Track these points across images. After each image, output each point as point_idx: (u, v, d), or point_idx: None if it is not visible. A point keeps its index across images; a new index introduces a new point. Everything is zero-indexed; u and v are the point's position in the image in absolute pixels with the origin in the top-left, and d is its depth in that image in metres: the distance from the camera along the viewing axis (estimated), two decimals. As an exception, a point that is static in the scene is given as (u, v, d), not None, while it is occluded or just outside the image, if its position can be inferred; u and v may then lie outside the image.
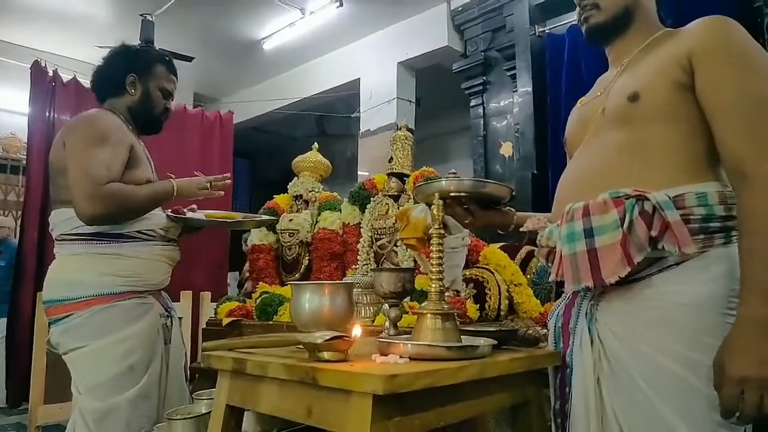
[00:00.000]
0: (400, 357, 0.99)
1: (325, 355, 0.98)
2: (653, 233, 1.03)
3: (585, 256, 1.08)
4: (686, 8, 2.71)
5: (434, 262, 1.11)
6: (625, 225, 1.04)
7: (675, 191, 1.06)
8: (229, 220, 1.90)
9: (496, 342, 1.13)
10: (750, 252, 0.98)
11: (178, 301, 3.35)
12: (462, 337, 1.12)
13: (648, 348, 1.05)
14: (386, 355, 1.00)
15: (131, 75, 1.85)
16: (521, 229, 1.31)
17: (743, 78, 1.04)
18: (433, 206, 1.14)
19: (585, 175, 1.21)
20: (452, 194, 1.25)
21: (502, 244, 2.13)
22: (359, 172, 5.77)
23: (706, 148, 1.09)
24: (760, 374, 0.92)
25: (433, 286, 1.11)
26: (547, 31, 4.07)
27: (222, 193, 2.01)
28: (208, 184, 1.94)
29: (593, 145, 1.23)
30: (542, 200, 3.60)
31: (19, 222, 4.72)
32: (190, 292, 3.52)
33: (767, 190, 0.98)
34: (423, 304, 1.11)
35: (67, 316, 1.66)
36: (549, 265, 1.21)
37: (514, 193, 1.33)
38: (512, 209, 1.39)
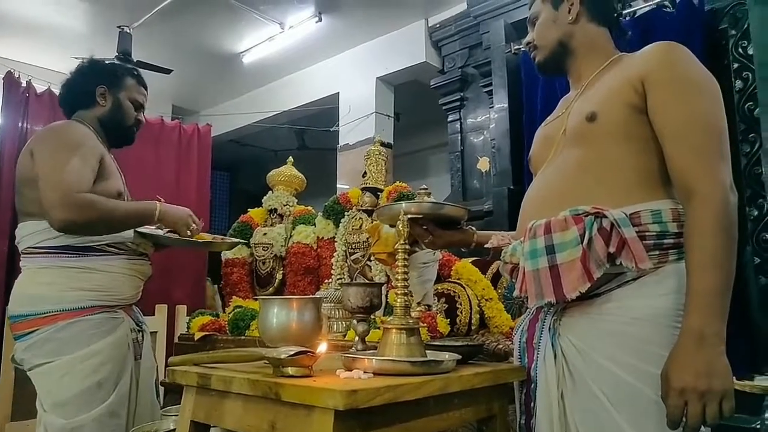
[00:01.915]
0: (364, 372, 0.99)
1: (290, 370, 0.98)
2: (611, 249, 1.06)
3: (547, 272, 1.11)
4: (656, 31, 2.80)
5: (399, 278, 1.12)
6: (585, 241, 1.07)
7: (631, 208, 1.09)
8: (199, 241, 1.88)
9: (460, 357, 1.15)
10: (692, 267, 1.02)
11: (153, 314, 3.30)
12: (427, 351, 1.13)
13: (604, 360, 1.08)
14: (351, 371, 1.01)
15: (101, 86, 1.85)
16: (486, 246, 1.34)
17: (689, 101, 1.09)
18: (398, 223, 1.16)
19: (547, 192, 1.25)
20: (411, 216, 1.28)
21: (474, 259, 2.15)
22: (338, 186, 5.78)
23: (659, 167, 1.13)
24: (701, 386, 0.95)
25: (398, 301, 1.12)
26: (522, 49, 4.14)
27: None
28: (195, 227, 1.88)
29: (555, 163, 1.26)
30: (518, 214, 3.63)
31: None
32: (166, 305, 3.47)
33: (710, 207, 1.02)
34: (389, 319, 1.12)
35: (33, 332, 1.63)
36: (513, 281, 1.23)
37: (490, 208, 1.36)
38: (472, 228, 1.44)
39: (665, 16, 2.87)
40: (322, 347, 1.11)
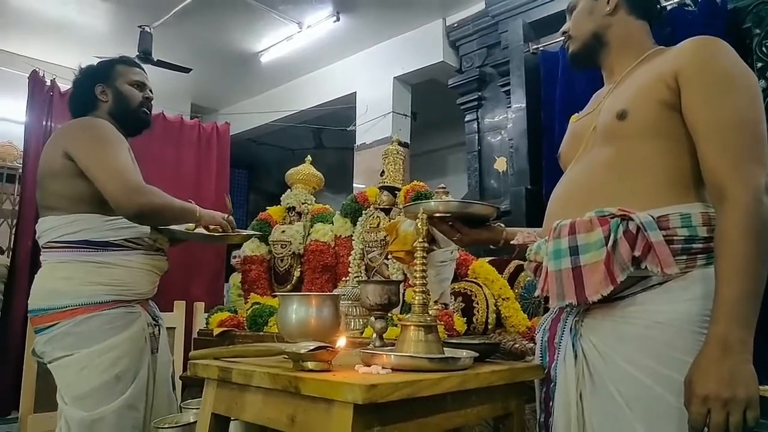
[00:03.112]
0: (383, 368, 1.00)
1: (309, 364, 0.99)
2: (636, 253, 1.05)
3: (570, 273, 1.10)
4: (677, 30, 2.77)
5: (417, 275, 1.13)
6: (610, 244, 1.05)
7: (659, 211, 1.08)
8: (214, 234, 1.91)
9: (477, 354, 1.15)
10: (721, 273, 1.00)
11: (172, 311, 3.34)
12: (445, 349, 1.14)
13: (625, 363, 1.07)
14: (369, 366, 1.02)
15: (98, 85, 1.88)
16: (511, 243, 1.33)
17: (725, 100, 1.06)
18: (417, 221, 1.16)
19: (574, 191, 1.23)
20: (439, 215, 1.28)
21: (491, 258, 2.15)
22: (355, 185, 5.80)
23: (692, 167, 1.10)
24: (724, 393, 0.94)
25: (417, 298, 1.13)
26: (541, 49, 4.12)
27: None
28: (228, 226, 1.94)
29: (583, 161, 1.25)
30: (536, 214, 3.60)
31: (13, 231, 4.73)
32: (184, 302, 3.51)
33: (741, 211, 0.99)
34: (407, 316, 1.13)
35: (52, 325, 1.65)
36: (537, 279, 1.22)
37: (508, 208, 1.36)
38: (501, 225, 1.41)
39: (687, 15, 2.84)
40: (341, 342, 1.12)
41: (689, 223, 1.06)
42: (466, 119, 5.02)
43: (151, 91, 1.98)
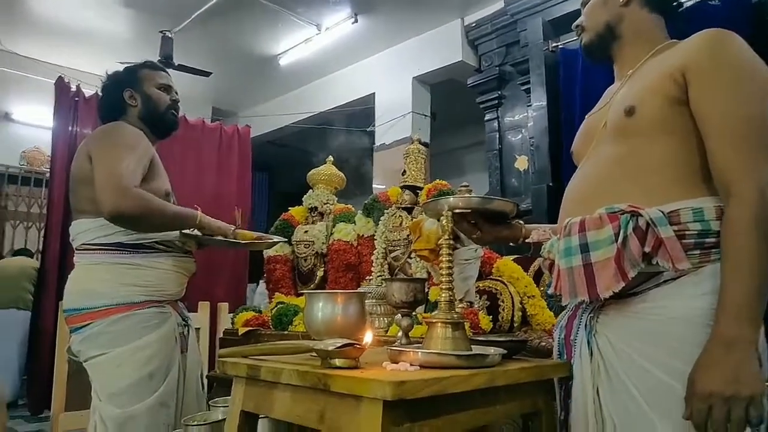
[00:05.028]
0: (411, 365, 1.01)
1: (337, 362, 1.00)
2: (647, 249, 1.04)
3: (581, 270, 1.09)
4: (700, 25, 2.73)
5: (444, 273, 1.13)
6: (620, 240, 1.05)
7: (670, 206, 1.06)
8: (242, 241, 1.93)
9: (506, 351, 1.15)
10: (726, 269, 0.99)
11: (197, 311, 3.39)
12: (472, 346, 1.14)
13: (642, 359, 1.06)
14: (397, 363, 1.02)
15: (127, 90, 1.91)
16: (527, 241, 1.33)
17: (732, 92, 1.04)
18: (443, 218, 1.17)
19: (585, 187, 1.23)
20: (459, 211, 1.28)
21: (515, 256, 2.14)
22: (374, 186, 5.81)
23: (703, 163, 1.08)
24: (726, 391, 0.93)
25: (443, 295, 1.13)
26: (560, 46, 4.10)
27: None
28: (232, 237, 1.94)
29: (594, 157, 1.24)
30: (558, 212, 3.59)
31: (42, 234, 4.83)
32: (208, 303, 3.56)
33: (747, 207, 0.99)
34: (433, 313, 1.13)
35: (87, 325, 1.70)
36: (552, 277, 1.22)
37: (529, 206, 1.35)
38: (521, 222, 1.40)
39: (710, 9, 2.80)
40: (368, 337, 1.12)
41: (702, 218, 1.05)
42: (486, 118, 5.01)
43: (177, 93, 2.01)
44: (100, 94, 2.00)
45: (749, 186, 0.99)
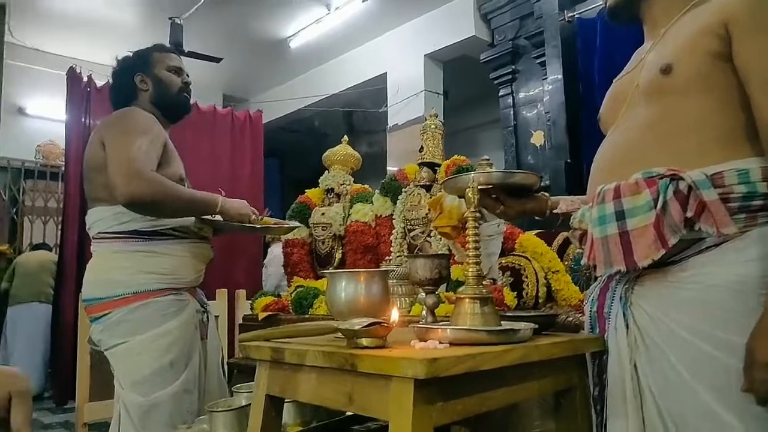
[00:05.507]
0: (440, 342, 0.97)
1: (364, 341, 0.96)
2: (689, 214, 0.99)
3: (617, 239, 1.04)
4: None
5: (471, 246, 1.09)
6: (659, 206, 1.00)
7: (713, 168, 1.01)
8: (258, 226, 1.90)
9: (537, 326, 1.11)
10: None
11: (214, 299, 3.38)
12: (501, 321, 1.10)
13: (684, 332, 1.01)
14: (425, 341, 0.99)
15: (137, 75, 1.89)
16: (554, 212, 1.28)
17: None
18: (468, 189, 1.12)
19: (617, 153, 1.17)
20: (481, 187, 1.23)
21: (538, 231, 2.09)
22: (388, 168, 5.77)
23: (746, 121, 1.03)
24: None
25: (470, 270, 1.08)
26: (576, 16, 3.99)
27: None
28: (254, 218, 1.90)
29: (627, 121, 1.18)
30: (577, 189, 3.50)
31: (59, 228, 4.86)
32: (226, 290, 3.56)
33: None
34: (461, 289, 1.09)
35: (107, 314, 1.69)
36: (582, 247, 1.17)
37: (547, 183, 1.29)
38: (545, 194, 1.35)
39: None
40: (395, 315, 1.09)
41: (747, 179, 0.99)
42: (500, 94, 4.93)
43: (188, 75, 1.98)
44: (111, 81, 1.98)
45: None
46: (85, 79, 4.28)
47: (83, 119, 4.24)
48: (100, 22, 5.58)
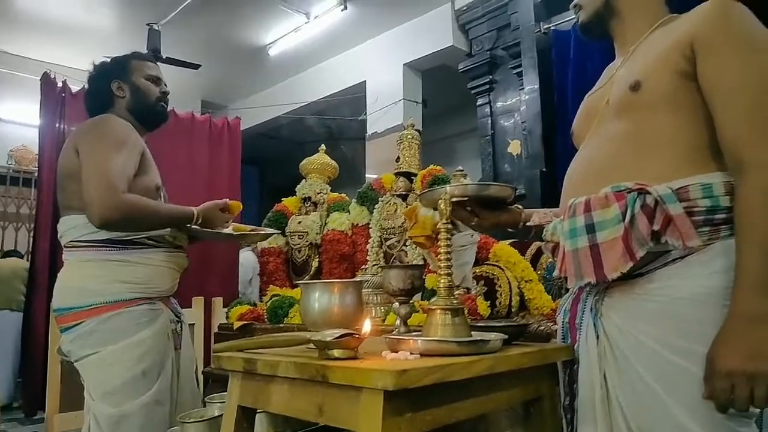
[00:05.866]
0: (411, 353, 0.98)
1: (335, 352, 0.97)
2: (655, 227, 1.01)
3: (587, 251, 1.07)
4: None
5: (442, 258, 1.10)
6: (627, 219, 1.02)
7: (679, 183, 1.04)
8: (235, 233, 1.89)
9: (507, 336, 1.12)
10: (742, 244, 0.97)
11: (190, 307, 3.35)
12: (472, 332, 1.11)
13: (651, 342, 1.04)
14: (396, 352, 1.00)
15: (114, 81, 1.87)
16: (527, 224, 1.30)
17: (744, 64, 1.02)
18: (440, 202, 1.13)
19: (588, 167, 1.20)
20: (456, 199, 1.25)
21: (512, 240, 2.12)
22: (367, 175, 5.78)
23: (710, 137, 1.06)
24: (749, 368, 0.91)
25: (442, 281, 1.10)
26: (552, 28, 4.06)
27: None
28: (224, 206, 1.90)
29: (597, 136, 1.21)
30: (552, 198, 3.58)
31: (31, 234, 4.76)
32: (202, 298, 3.53)
33: (761, 179, 0.96)
34: (432, 300, 1.10)
35: (78, 324, 1.66)
36: (555, 259, 1.20)
37: (523, 191, 1.32)
38: (519, 207, 1.38)
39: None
40: (367, 326, 1.10)
41: (711, 193, 1.02)
42: (477, 103, 4.98)
43: (166, 85, 1.96)
44: (87, 86, 1.95)
45: (762, 154, 0.97)
46: (60, 84, 4.21)
47: (57, 125, 4.16)
48: (77, 28, 5.51)
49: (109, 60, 1.95)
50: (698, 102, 1.07)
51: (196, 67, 5.74)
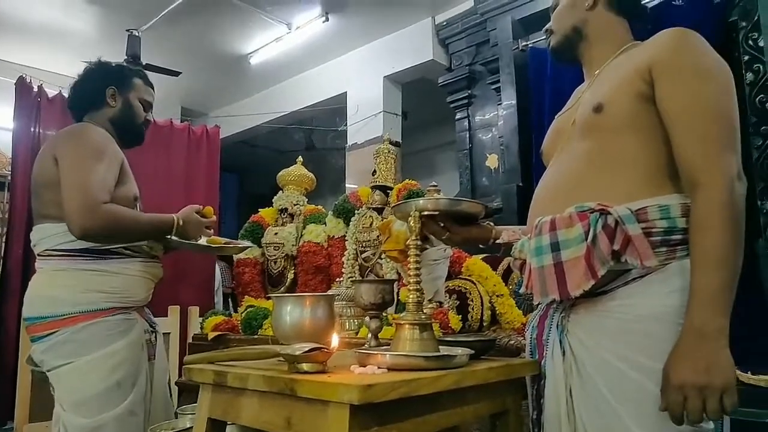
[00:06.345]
0: (378, 367, 1.00)
1: (304, 366, 0.99)
2: (615, 247, 1.05)
3: (552, 269, 1.10)
4: (664, 25, 2.78)
5: (411, 273, 1.13)
6: (589, 239, 1.06)
7: (638, 204, 1.08)
8: (212, 246, 1.89)
9: (473, 351, 1.15)
10: (695, 262, 1.01)
11: (166, 316, 3.32)
12: (440, 347, 1.14)
13: (611, 357, 1.07)
14: (365, 366, 1.01)
15: (111, 87, 1.86)
16: (497, 242, 1.34)
17: (696, 88, 1.07)
18: (410, 219, 1.16)
19: (554, 187, 1.24)
20: (428, 213, 1.27)
21: (484, 255, 2.15)
22: (347, 185, 5.79)
23: (669, 159, 1.10)
24: (700, 381, 0.95)
25: (411, 297, 1.12)
26: (530, 45, 4.13)
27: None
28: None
29: (564, 156, 1.26)
30: (527, 211, 3.62)
31: (3, 240, 4.68)
32: (178, 307, 3.49)
33: (714, 199, 1.00)
34: (401, 315, 1.13)
35: (51, 333, 1.64)
36: (522, 276, 1.23)
37: (500, 205, 1.35)
38: (490, 223, 1.41)
39: (674, 9, 2.85)
40: (335, 341, 1.11)
41: (668, 215, 1.07)
42: (456, 117, 5.04)
43: (152, 113, 1.99)
44: (81, 80, 1.91)
45: (716, 178, 1.01)
46: (36, 88, 4.16)
47: (32, 129, 4.10)
48: (56, 31, 5.45)
49: (112, 64, 1.94)
50: (656, 124, 1.11)
51: (176, 74, 5.71)
